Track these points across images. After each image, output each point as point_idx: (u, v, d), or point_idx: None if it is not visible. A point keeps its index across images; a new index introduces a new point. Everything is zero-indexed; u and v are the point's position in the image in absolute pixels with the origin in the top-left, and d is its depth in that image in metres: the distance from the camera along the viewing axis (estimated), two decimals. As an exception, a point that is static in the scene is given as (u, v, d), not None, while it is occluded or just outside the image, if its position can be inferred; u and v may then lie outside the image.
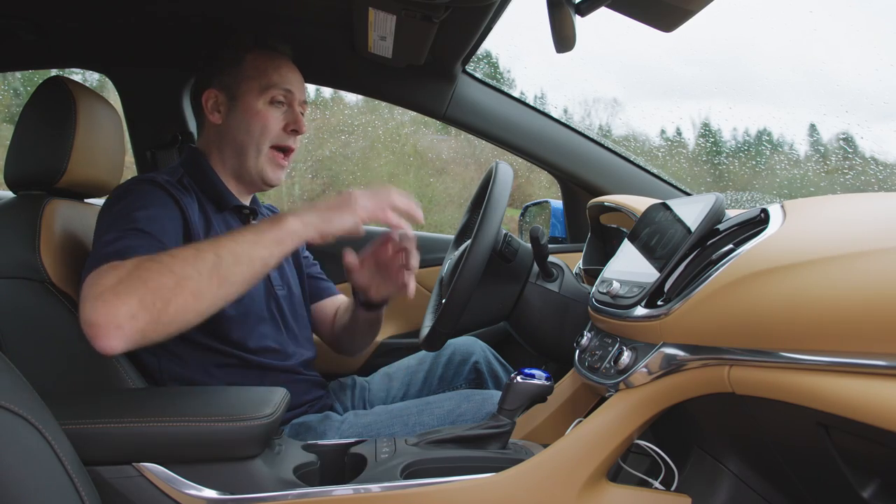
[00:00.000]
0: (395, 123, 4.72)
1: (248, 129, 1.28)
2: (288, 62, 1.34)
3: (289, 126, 1.30)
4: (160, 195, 1.16)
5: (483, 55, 2.10)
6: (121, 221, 1.07)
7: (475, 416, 1.19)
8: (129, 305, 0.87)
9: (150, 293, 0.88)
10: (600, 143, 1.86)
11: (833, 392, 0.60)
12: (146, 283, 0.89)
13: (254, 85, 1.29)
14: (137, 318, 0.87)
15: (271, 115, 1.29)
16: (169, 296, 0.89)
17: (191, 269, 0.92)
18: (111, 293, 0.88)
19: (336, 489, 0.87)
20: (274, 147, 1.30)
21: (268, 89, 1.29)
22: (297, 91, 1.32)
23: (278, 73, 1.30)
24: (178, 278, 0.90)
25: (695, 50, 3.10)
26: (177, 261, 0.93)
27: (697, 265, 0.87)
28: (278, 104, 1.30)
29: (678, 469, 0.91)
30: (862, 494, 0.64)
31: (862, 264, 0.64)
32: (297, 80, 1.33)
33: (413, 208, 1.09)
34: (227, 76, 1.31)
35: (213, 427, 0.86)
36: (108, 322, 0.86)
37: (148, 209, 1.10)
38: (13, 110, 4.14)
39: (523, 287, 1.29)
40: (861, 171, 2.29)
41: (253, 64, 1.30)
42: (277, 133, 1.30)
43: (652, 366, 0.85)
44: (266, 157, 1.30)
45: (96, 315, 0.86)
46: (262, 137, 1.29)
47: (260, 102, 1.29)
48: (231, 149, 1.31)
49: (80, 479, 0.76)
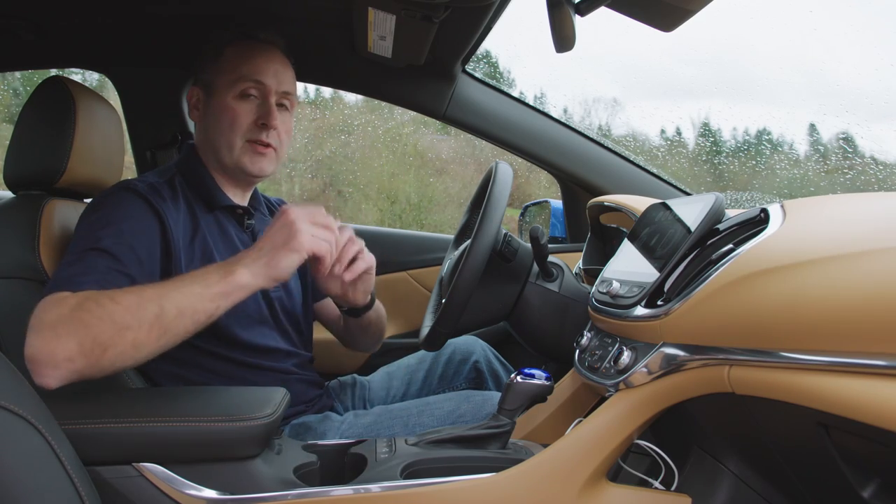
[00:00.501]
0: (395, 123, 4.72)
1: (219, 124, 1.24)
2: (268, 52, 1.27)
3: (259, 119, 1.24)
4: (136, 206, 1.12)
5: (483, 55, 2.10)
6: (86, 239, 1.05)
7: (475, 416, 1.19)
8: (67, 349, 0.87)
9: (90, 339, 0.88)
10: (600, 143, 1.86)
11: (833, 392, 0.60)
12: (87, 328, 0.88)
13: (226, 79, 1.24)
14: (74, 361, 0.87)
15: (241, 109, 1.23)
16: (108, 343, 0.89)
17: (132, 318, 0.90)
18: (51, 332, 0.88)
19: (336, 489, 0.87)
20: (250, 141, 1.24)
21: (237, 82, 1.23)
22: (271, 81, 1.24)
23: (249, 65, 1.24)
24: (119, 328, 0.89)
25: (695, 50, 3.10)
26: (119, 308, 0.90)
27: (697, 265, 0.87)
28: (250, 97, 1.24)
29: (678, 469, 0.91)
30: (862, 494, 0.64)
31: (862, 264, 0.64)
32: (272, 70, 1.25)
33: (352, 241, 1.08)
34: (206, 73, 1.28)
35: (213, 427, 0.86)
36: (46, 361, 0.87)
37: (116, 224, 1.07)
38: (13, 110, 4.15)
39: (523, 287, 1.29)
40: (861, 171, 2.29)
41: (230, 57, 1.25)
42: (248, 127, 1.23)
43: (652, 366, 0.85)
44: (240, 150, 1.24)
45: (35, 351, 0.87)
46: (232, 133, 1.23)
47: (230, 97, 1.23)
48: (210, 146, 1.27)
49: (80, 479, 0.76)
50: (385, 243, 2.05)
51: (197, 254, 1.17)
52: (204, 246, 1.19)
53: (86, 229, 1.07)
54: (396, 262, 2.01)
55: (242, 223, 1.31)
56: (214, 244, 1.21)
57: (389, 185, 4.95)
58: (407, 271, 2.01)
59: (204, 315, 0.95)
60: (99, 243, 1.03)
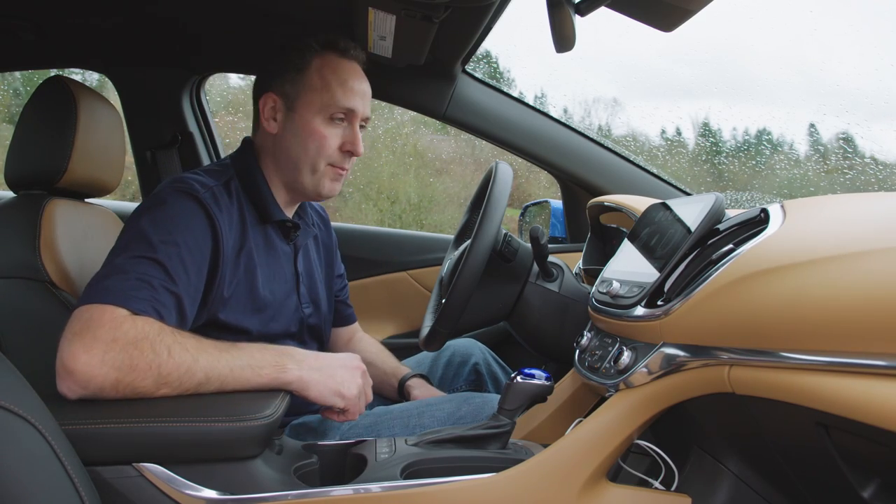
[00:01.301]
0: (395, 123, 4.72)
1: (304, 145, 1.21)
2: (356, 72, 1.25)
3: (345, 146, 1.23)
4: (196, 218, 1.08)
5: (483, 55, 2.10)
6: (138, 243, 1.02)
7: (475, 418, 1.19)
8: (105, 378, 0.88)
9: (129, 380, 0.89)
10: (600, 143, 1.86)
11: (833, 392, 0.60)
12: (132, 370, 0.89)
13: (315, 99, 1.21)
14: (104, 388, 0.89)
15: (329, 134, 1.22)
16: (140, 387, 0.90)
17: (175, 378, 0.92)
18: (98, 359, 0.88)
19: (336, 489, 0.87)
20: (330, 165, 1.24)
21: (328, 107, 1.21)
22: (359, 108, 1.24)
23: (342, 89, 1.21)
24: (159, 382, 0.91)
25: (694, 49, 3.10)
26: (170, 364, 0.91)
27: (697, 265, 0.87)
28: (338, 121, 1.22)
29: (678, 469, 0.91)
30: (862, 494, 0.64)
31: (862, 264, 0.64)
32: (361, 95, 1.24)
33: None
34: (288, 83, 1.22)
35: (213, 427, 0.86)
36: (81, 379, 0.88)
37: (174, 235, 1.04)
38: (13, 110, 4.14)
39: (523, 287, 1.29)
40: (861, 171, 2.29)
41: (318, 73, 1.22)
42: (333, 153, 1.23)
43: (652, 366, 0.85)
44: (322, 174, 1.23)
45: (77, 365, 0.88)
46: (318, 157, 1.22)
47: (318, 119, 1.21)
48: (286, 161, 1.24)
49: (80, 479, 0.76)
50: (385, 243, 2.06)
51: (241, 268, 1.15)
52: (248, 261, 1.17)
53: (143, 231, 1.04)
54: (396, 262, 2.02)
55: (289, 236, 1.29)
56: (258, 258, 1.19)
57: (389, 185, 4.95)
58: (407, 271, 2.01)
59: (239, 388, 0.96)
60: (155, 253, 1.01)
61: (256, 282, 1.17)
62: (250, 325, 1.16)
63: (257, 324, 1.17)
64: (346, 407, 1.04)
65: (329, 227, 1.50)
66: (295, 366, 0.99)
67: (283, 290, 1.25)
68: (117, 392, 0.89)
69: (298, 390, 0.99)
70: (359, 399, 1.05)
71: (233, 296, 1.13)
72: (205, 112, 2.03)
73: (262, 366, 0.97)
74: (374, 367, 1.46)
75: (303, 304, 1.30)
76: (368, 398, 1.08)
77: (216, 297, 1.10)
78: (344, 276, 1.54)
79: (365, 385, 1.07)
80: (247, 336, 1.16)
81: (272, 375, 0.97)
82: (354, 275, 1.99)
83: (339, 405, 1.03)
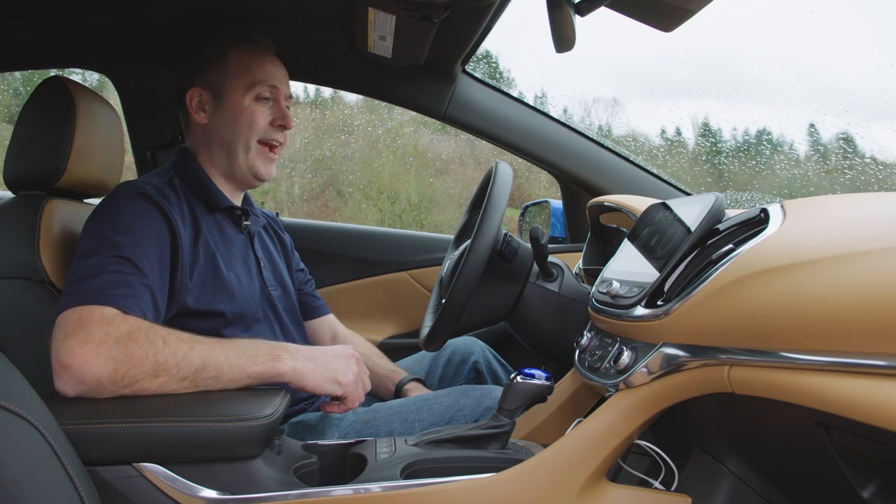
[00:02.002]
0: (395, 123, 4.71)
1: (235, 126, 1.28)
2: (271, 57, 1.33)
3: (276, 121, 1.30)
4: (149, 213, 1.12)
5: (483, 55, 2.10)
6: (104, 245, 1.05)
7: (474, 411, 1.19)
8: (102, 371, 0.90)
9: (126, 370, 0.91)
10: (600, 143, 1.86)
11: (833, 392, 0.60)
12: (129, 360, 0.91)
13: (239, 82, 1.28)
14: (102, 383, 0.90)
15: (258, 111, 1.28)
16: (138, 378, 0.92)
17: (173, 365, 0.93)
18: (95, 349, 0.90)
19: (336, 489, 0.87)
20: (261, 142, 1.30)
21: (254, 86, 1.28)
22: (282, 86, 1.32)
23: (263, 70, 1.29)
24: (157, 370, 0.92)
25: (694, 49, 3.10)
26: (167, 352, 0.93)
27: (697, 265, 0.87)
28: (264, 100, 1.29)
29: (678, 469, 0.91)
30: (862, 494, 0.64)
31: (862, 264, 0.64)
32: (281, 75, 1.33)
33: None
34: (210, 74, 1.29)
35: (213, 427, 0.86)
36: (77, 373, 0.89)
37: (133, 231, 1.08)
38: (13, 110, 4.14)
39: (523, 287, 1.29)
40: (861, 171, 2.29)
41: (237, 61, 1.29)
42: (264, 128, 1.29)
43: (652, 366, 0.85)
44: (255, 152, 1.29)
45: (72, 360, 0.89)
46: (250, 133, 1.28)
47: (246, 99, 1.28)
48: (219, 147, 1.30)
49: (80, 479, 0.76)
50: (385, 243, 2.05)
51: (200, 255, 1.18)
52: (206, 248, 1.19)
53: (102, 233, 1.07)
54: (396, 262, 2.01)
55: (239, 224, 1.33)
56: (216, 245, 1.22)
57: (389, 185, 4.94)
58: (407, 271, 2.01)
59: (234, 384, 0.98)
60: (121, 251, 1.04)
61: (219, 266, 1.19)
62: (223, 307, 1.18)
63: (229, 305, 1.19)
64: (344, 394, 1.06)
65: (281, 229, 1.55)
66: (289, 356, 1.02)
67: (246, 274, 1.27)
68: (115, 384, 0.90)
69: (294, 381, 1.02)
70: (356, 385, 1.08)
71: (197, 282, 1.15)
72: (205, 112, 2.03)
73: (257, 355, 1.00)
74: (368, 370, 1.47)
75: (269, 286, 1.33)
76: (367, 387, 1.11)
77: (182, 285, 1.12)
78: (305, 271, 1.57)
79: (361, 373, 1.10)
80: (222, 319, 1.18)
81: (267, 364, 1.00)
82: (354, 275, 2.00)
83: (336, 392, 1.05)
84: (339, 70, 1.79)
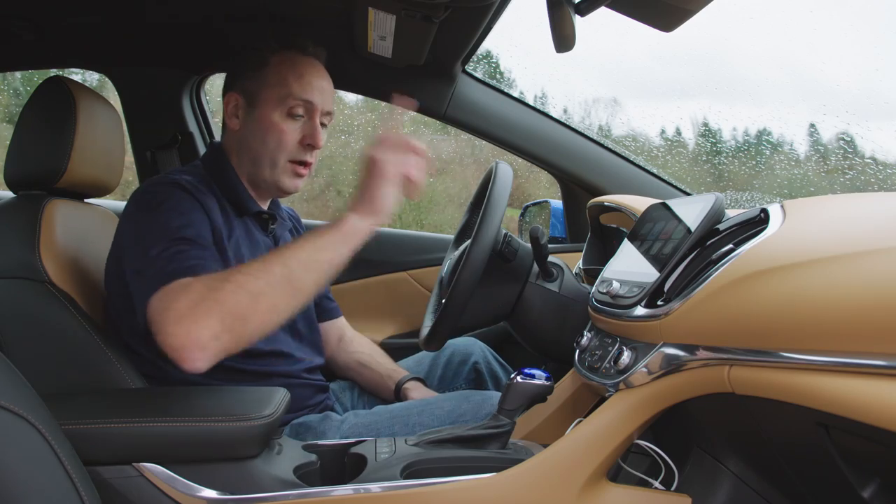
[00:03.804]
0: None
1: (264, 140, 1.24)
2: (314, 67, 1.27)
3: (305, 139, 1.24)
4: (188, 199, 1.12)
5: (483, 55, 2.10)
6: (160, 232, 1.05)
7: (475, 416, 1.19)
8: (210, 328, 0.89)
9: (229, 314, 0.90)
10: (600, 143, 1.86)
11: (833, 392, 0.60)
12: (223, 305, 0.91)
13: (273, 94, 1.23)
14: (220, 338, 0.90)
15: (288, 129, 1.23)
16: (247, 313, 0.91)
17: (263, 283, 0.93)
18: (190, 317, 0.90)
19: (336, 489, 0.87)
20: (291, 161, 1.25)
21: (286, 99, 1.23)
22: (318, 101, 1.25)
23: (300, 83, 1.23)
24: (253, 295, 0.92)
25: (695, 49, 3.10)
26: (248, 277, 0.93)
27: (697, 265, 0.87)
28: (297, 116, 1.24)
29: (678, 469, 0.91)
30: (862, 494, 0.64)
31: (862, 264, 0.64)
32: (320, 89, 1.26)
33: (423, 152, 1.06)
34: (249, 81, 1.26)
35: (213, 427, 0.86)
36: (193, 345, 0.89)
37: (184, 215, 1.08)
38: (13, 110, 4.14)
39: (523, 287, 1.28)
40: (861, 171, 2.29)
41: (276, 70, 1.24)
42: (293, 147, 1.24)
43: (652, 366, 0.85)
44: (281, 169, 1.25)
45: (180, 339, 0.89)
46: (278, 151, 1.24)
47: (277, 114, 1.23)
48: (247, 157, 1.27)
49: (80, 479, 0.76)
50: (385, 243, 2.05)
51: (231, 256, 1.17)
52: (236, 249, 1.20)
53: (152, 224, 1.07)
54: (396, 262, 2.01)
55: (266, 227, 1.32)
56: (244, 249, 1.22)
57: (389, 186, 4.94)
58: (407, 271, 2.01)
59: (327, 265, 0.98)
60: (179, 232, 1.05)
61: None
62: None
63: None
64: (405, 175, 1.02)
65: (302, 227, 1.52)
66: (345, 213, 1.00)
67: None
68: (233, 332, 0.91)
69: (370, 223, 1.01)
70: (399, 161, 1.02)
71: None
72: (205, 112, 2.03)
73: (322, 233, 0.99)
74: (369, 370, 1.47)
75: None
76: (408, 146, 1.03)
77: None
78: None
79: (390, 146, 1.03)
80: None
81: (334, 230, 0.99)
82: (354, 275, 1.99)
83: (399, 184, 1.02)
84: (339, 70, 1.79)
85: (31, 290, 1.10)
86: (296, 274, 0.95)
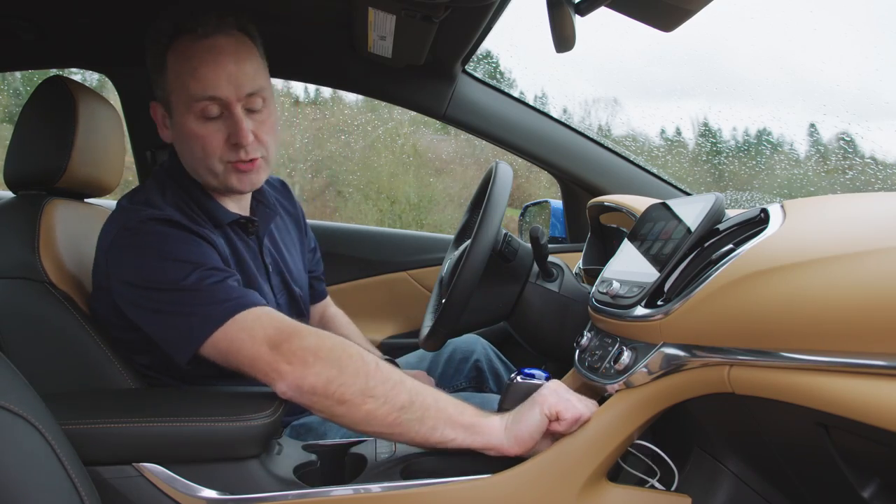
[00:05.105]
0: (394, 123, 4.72)
1: (190, 150, 1.10)
2: (212, 53, 1.04)
3: (230, 139, 1.07)
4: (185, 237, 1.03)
5: (483, 55, 2.10)
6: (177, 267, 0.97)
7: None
8: (319, 378, 0.89)
9: (338, 382, 0.88)
10: (600, 143, 1.86)
11: (833, 392, 0.60)
12: (342, 370, 0.89)
13: (178, 99, 1.07)
14: (315, 393, 0.89)
15: (207, 132, 1.06)
16: (348, 396, 0.89)
17: (382, 391, 0.89)
18: (312, 355, 0.89)
19: (336, 489, 0.87)
20: (229, 162, 1.09)
21: (191, 104, 1.05)
22: (227, 92, 1.05)
23: (196, 80, 1.04)
24: (365, 390, 0.89)
25: (694, 49, 3.10)
26: (378, 374, 0.90)
27: (697, 265, 0.87)
28: (213, 116, 1.06)
29: (678, 469, 0.91)
30: (862, 494, 0.64)
31: (862, 264, 0.64)
32: (226, 77, 1.04)
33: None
34: (157, 87, 1.12)
35: (213, 427, 0.86)
36: (295, 380, 0.89)
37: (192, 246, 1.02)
38: (13, 110, 4.14)
39: (523, 287, 1.28)
40: (861, 171, 2.29)
41: (173, 70, 1.07)
42: (222, 150, 1.08)
43: (652, 366, 0.85)
44: (224, 173, 1.10)
45: (289, 368, 0.89)
46: (208, 158, 1.08)
47: (191, 120, 1.06)
48: (190, 167, 1.14)
49: (80, 479, 0.76)
50: (385, 243, 2.05)
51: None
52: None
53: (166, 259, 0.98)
54: (396, 262, 2.01)
55: (247, 231, 1.22)
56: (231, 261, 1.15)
57: (389, 185, 4.95)
58: (407, 271, 2.01)
59: (434, 438, 0.90)
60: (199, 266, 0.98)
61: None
62: None
63: None
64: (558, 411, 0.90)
65: (292, 197, 1.41)
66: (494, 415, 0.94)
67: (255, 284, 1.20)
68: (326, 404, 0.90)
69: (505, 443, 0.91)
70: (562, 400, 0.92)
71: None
72: (205, 112, 2.03)
73: (465, 410, 0.93)
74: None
75: (276, 294, 1.25)
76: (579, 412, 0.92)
77: None
78: (317, 249, 1.49)
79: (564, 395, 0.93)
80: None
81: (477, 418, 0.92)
82: (354, 275, 1.99)
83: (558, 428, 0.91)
84: (339, 70, 1.79)
85: (30, 290, 1.10)
86: (410, 413, 0.90)
